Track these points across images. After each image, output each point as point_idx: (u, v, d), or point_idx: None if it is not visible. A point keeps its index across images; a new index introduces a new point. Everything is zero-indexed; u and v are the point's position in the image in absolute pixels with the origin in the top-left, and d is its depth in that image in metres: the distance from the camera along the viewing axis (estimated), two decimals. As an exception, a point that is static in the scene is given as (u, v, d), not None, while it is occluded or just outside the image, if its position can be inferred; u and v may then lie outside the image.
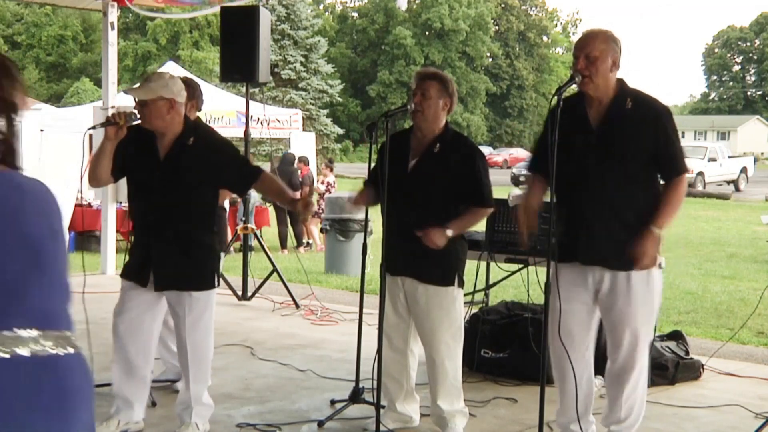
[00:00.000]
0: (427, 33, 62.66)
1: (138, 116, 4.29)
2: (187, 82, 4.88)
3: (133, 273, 4.46)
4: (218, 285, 4.56)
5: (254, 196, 13.53)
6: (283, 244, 14.31)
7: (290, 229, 14.46)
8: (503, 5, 67.98)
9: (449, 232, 4.40)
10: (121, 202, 10.96)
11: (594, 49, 4.04)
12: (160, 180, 4.33)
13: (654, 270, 4.17)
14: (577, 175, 4.08)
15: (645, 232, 4.03)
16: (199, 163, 4.32)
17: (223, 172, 4.41)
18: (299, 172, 14.70)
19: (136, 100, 4.31)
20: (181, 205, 4.33)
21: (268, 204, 14.63)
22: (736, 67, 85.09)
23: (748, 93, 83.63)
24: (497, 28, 67.45)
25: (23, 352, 1.74)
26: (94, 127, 4.72)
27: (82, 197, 13.72)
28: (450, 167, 4.46)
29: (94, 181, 4.43)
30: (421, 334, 4.63)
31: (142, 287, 4.40)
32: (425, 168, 4.50)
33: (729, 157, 34.48)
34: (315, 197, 14.67)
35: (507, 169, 42.49)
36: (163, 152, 4.35)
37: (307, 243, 14.89)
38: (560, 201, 4.04)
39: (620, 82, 4.16)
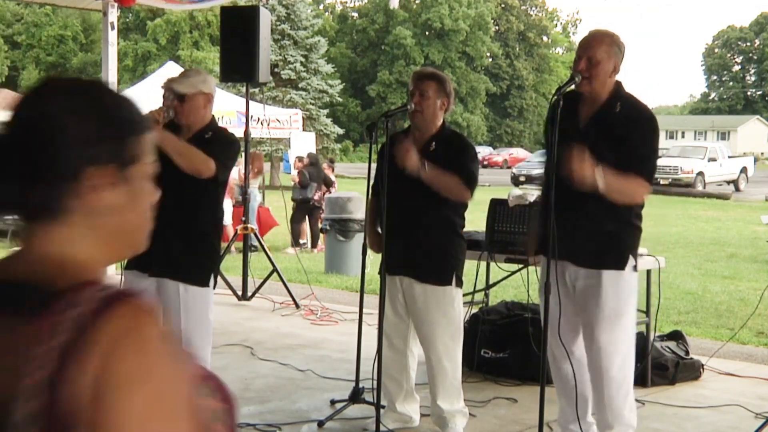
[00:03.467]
0: (427, 33, 62.66)
1: (173, 112, 4.36)
2: None
3: (136, 259, 4.46)
4: (215, 286, 4.54)
5: (255, 196, 13.57)
6: (296, 242, 14.29)
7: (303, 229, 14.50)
8: (503, 5, 67.97)
9: (423, 169, 4.29)
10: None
11: (597, 52, 4.04)
12: (175, 170, 4.33)
13: (625, 272, 4.13)
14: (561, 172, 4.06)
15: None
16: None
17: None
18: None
19: (173, 96, 4.36)
20: (191, 197, 4.33)
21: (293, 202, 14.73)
22: (736, 67, 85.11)
23: (748, 93, 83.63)
24: (497, 28, 67.45)
25: None
26: None
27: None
28: (443, 165, 4.45)
29: None
30: (419, 334, 4.63)
31: (143, 274, 4.40)
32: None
33: (729, 157, 34.46)
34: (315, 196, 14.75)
35: (507, 169, 42.53)
36: None
37: (303, 243, 14.89)
38: (547, 195, 4.04)
39: (617, 86, 4.15)
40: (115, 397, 1.08)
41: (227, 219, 12.77)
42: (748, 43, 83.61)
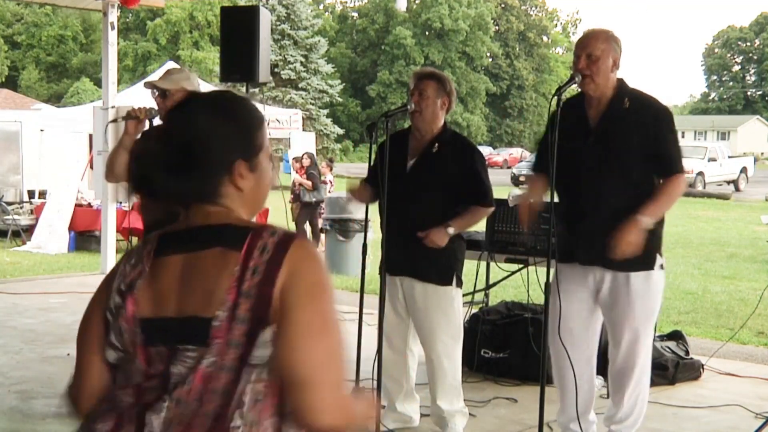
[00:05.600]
0: (427, 33, 62.66)
1: (157, 112, 4.34)
2: None
3: None
4: None
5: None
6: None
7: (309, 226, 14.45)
8: (503, 5, 67.97)
9: (450, 230, 4.40)
10: (121, 202, 10.96)
11: (595, 48, 4.04)
12: None
13: (654, 271, 4.14)
14: (575, 175, 4.08)
15: (630, 219, 3.93)
16: None
17: None
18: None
19: (156, 93, 4.35)
20: None
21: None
22: (736, 67, 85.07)
23: (748, 93, 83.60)
24: (497, 28, 67.43)
25: None
26: (115, 121, 4.75)
27: (82, 197, 13.74)
28: (448, 167, 4.46)
29: (112, 176, 4.50)
30: (419, 334, 4.63)
31: None
32: (424, 168, 4.49)
33: (729, 157, 34.48)
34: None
35: (507, 169, 42.50)
36: None
37: None
38: (560, 201, 4.03)
39: (620, 82, 4.16)
40: (305, 299, 1.55)
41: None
42: (748, 43, 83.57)
